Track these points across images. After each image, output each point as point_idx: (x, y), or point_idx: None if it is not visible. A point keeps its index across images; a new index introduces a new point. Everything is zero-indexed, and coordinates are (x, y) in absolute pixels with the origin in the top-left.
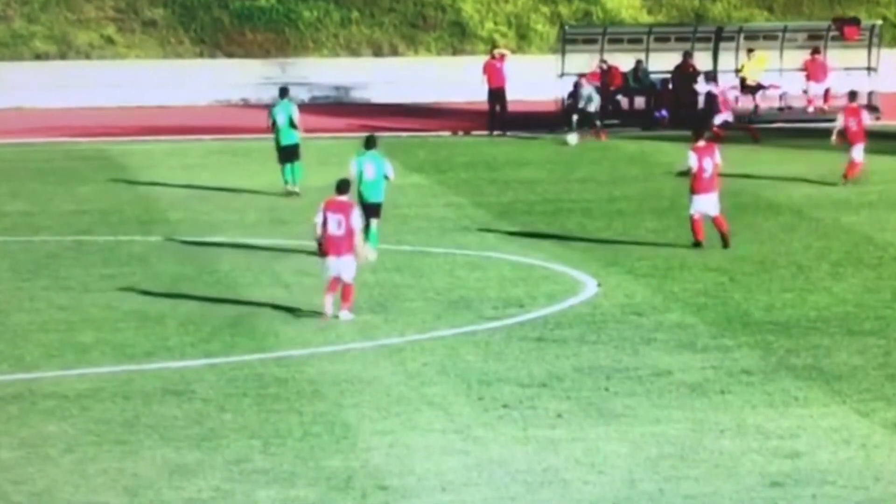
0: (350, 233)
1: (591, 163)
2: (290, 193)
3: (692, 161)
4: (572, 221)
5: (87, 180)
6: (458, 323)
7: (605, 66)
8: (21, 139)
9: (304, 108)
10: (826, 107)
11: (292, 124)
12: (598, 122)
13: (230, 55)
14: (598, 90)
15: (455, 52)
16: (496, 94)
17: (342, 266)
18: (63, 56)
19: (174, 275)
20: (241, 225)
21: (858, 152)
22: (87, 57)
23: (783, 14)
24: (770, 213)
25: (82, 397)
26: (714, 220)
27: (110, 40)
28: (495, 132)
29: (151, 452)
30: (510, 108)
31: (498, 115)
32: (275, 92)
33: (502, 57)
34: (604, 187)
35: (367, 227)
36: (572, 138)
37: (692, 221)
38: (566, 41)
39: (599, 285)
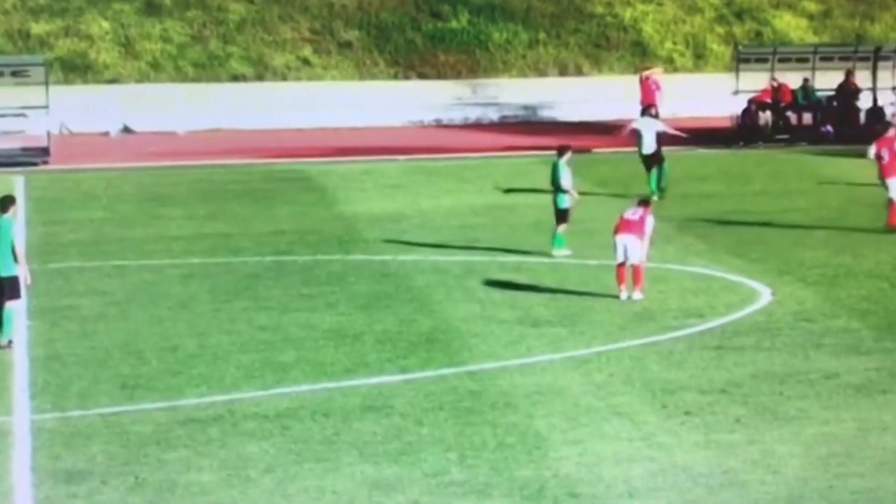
0: None
1: (765, 177)
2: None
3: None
4: (748, 233)
5: (285, 201)
6: (642, 333)
7: (775, 84)
8: (219, 160)
9: (492, 127)
10: None
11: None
12: None
13: (423, 76)
14: (770, 106)
15: (636, 71)
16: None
17: None
18: (260, 77)
19: (371, 293)
20: (434, 243)
21: None
22: (284, 78)
23: None
24: None
25: (282, 416)
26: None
27: (306, 62)
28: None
29: (351, 469)
30: (688, 124)
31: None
32: (467, 112)
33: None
34: (776, 200)
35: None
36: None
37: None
38: (740, 60)
39: (773, 294)
